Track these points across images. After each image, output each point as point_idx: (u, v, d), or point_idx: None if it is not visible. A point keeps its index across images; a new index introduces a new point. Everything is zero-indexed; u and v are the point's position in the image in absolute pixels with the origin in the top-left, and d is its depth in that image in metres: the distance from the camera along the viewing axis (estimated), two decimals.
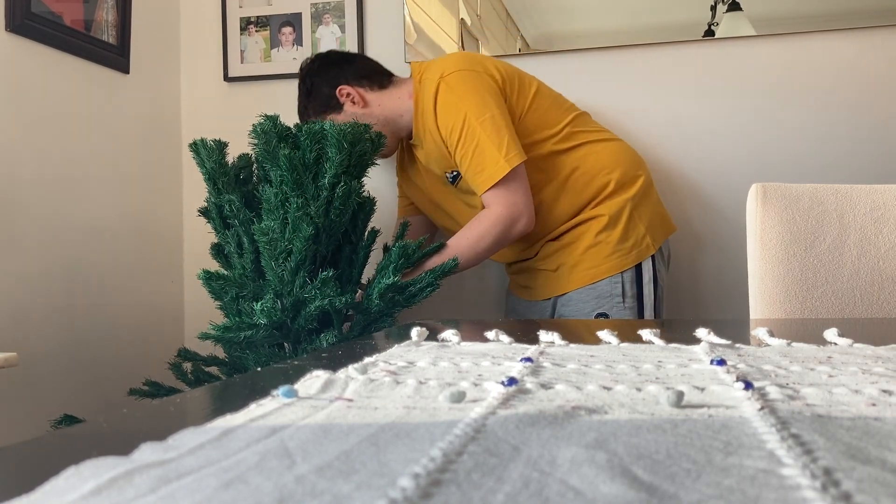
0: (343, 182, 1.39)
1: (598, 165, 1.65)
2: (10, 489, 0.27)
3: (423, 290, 1.44)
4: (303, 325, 1.39)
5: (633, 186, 1.66)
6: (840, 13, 1.86)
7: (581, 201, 1.66)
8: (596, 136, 1.70)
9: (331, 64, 1.75)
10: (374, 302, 1.40)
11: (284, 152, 1.38)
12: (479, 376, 0.49)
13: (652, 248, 1.66)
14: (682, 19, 1.94)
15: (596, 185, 1.65)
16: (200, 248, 2.13)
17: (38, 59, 1.73)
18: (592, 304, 1.63)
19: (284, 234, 1.37)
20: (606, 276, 1.63)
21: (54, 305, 1.75)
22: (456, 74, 1.60)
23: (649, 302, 1.65)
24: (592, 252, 1.64)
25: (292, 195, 1.38)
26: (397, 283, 1.41)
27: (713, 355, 0.56)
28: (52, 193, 1.76)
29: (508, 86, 1.64)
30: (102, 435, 0.39)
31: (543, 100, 1.68)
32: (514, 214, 1.56)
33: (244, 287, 1.42)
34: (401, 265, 1.42)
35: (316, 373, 0.48)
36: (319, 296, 1.35)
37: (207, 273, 1.42)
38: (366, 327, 1.44)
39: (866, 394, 0.41)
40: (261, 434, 0.33)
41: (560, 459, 0.29)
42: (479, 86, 1.59)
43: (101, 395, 1.86)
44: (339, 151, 1.38)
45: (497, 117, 1.56)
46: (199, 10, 2.23)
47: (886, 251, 1.17)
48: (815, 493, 0.24)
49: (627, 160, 1.70)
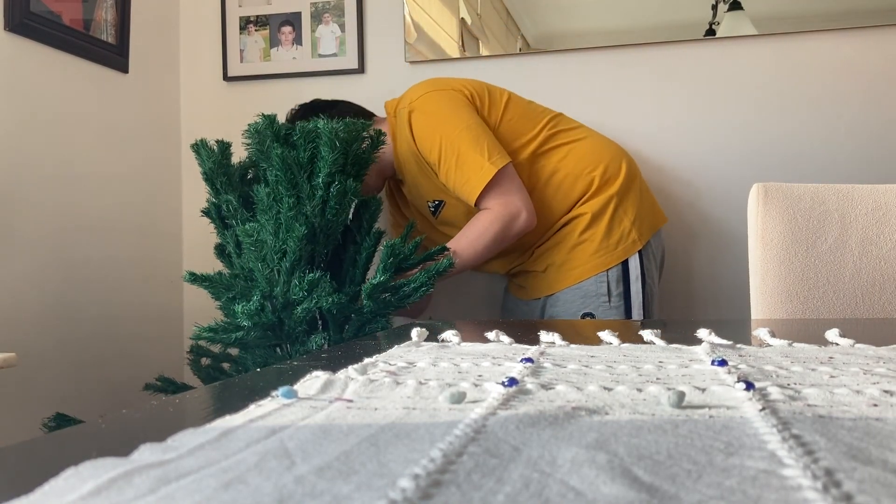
0: (337, 181, 1.38)
1: (580, 165, 1.65)
2: (9, 490, 0.27)
3: (416, 291, 1.43)
4: (293, 326, 1.39)
5: (616, 180, 1.65)
6: (840, 13, 1.86)
7: (568, 203, 1.65)
8: (574, 136, 1.69)
9: (315, 112, 1.70)
10: (364, 302, 1.39)
11: (277, 151, 1.38)
12: (480, 377, 0.49)
13: (639, 242, 1.64)
14: (683, 19, 1.94)
15: (581, 185, 1.64)
16: (200, 247, 2.13)
17: (37, 58, 1.73)
18: (578, 303, 1.63)
19: (278, 235, 1.37)
20: (591, 275, 1.62)
21: (53, 305, 1.75)
22: (425, 97, 1.62)
23: (637, 301, 1.63)
24: (577, 251, 1.64)
25: (286, 195, 1.38)
26: (387, 283, 1.39)
27: (714, 356, 0.56)
28: (51, 193, 1.76)
29: (479, 100, 1.65)
30: (102, 435, 0.39)
31: (516, 108, 1.68)
32: (511, 211, 1.55)
33: (231, 288, 1.42)
34: (390, 264, 1.41)
35: (316, 373, 0.47)
36: (307, 297, 1.34)
37: (192, 275, 1.42)
38: (360, 328, 1.43)
39: (868, 394, 0.41)
40: (260, 435, 0.33)
41: (560, 460, 0.28)
42: (450, 102, 1.61)
43: (101, 396, 1.86)
44: (331, 150, 1.38)
45: (473, 126, 1.57)
46: (198, 9, 2.23)
47: (888, 251, 1.17)
48: (816, 494, 0.24)
49: (608, 154, 1.68)
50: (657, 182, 1.92)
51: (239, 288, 1.41)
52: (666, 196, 1.92)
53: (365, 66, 2.12)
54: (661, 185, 1.91)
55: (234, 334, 1.37)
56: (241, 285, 1.42)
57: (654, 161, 1.95)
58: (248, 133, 1.45)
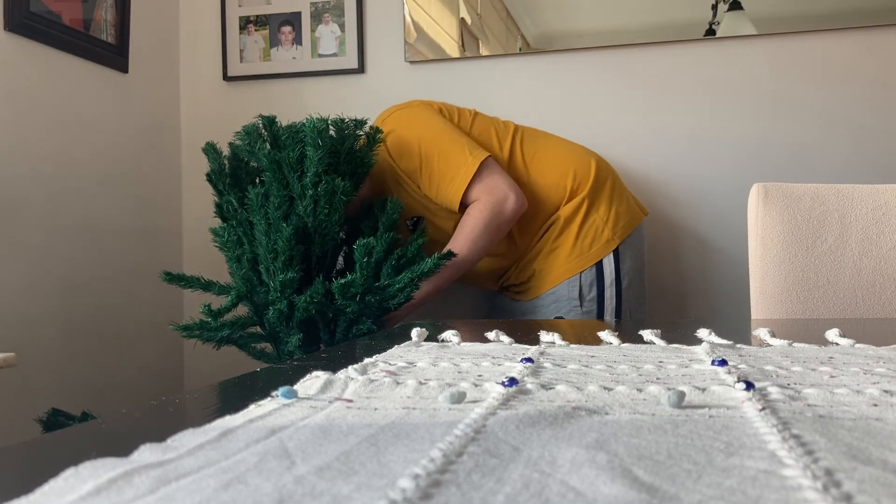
0: (324, 181, 1.38)
1: (551, 176, 1.63)
2: (9, 490, 0.27)
3: (402, 292, 1.41)
4: (269, 327, 1.39)
5: (586, 183, 1.63)
6: (840, 13, 1.86)
7: (546, 214, 1.64)
8: (542, 146, 1.67)
9: None
10: (339, 302, 1.37)
11: (265, 152, 1.38)
12: (480, 377, 0.49)
13: (613, 241, 1.62)
14: (683, 18, 1.94)
15: (555, 194, 1.63)
16: (200, 247, 2.13)
17: (37, 58, 1.73)
18: (551, 308, 1.62)
19: (269, 235, 1.37)
20: (564, 279, 1.62)
21: (52, 305, 1.75)
22: (393, 116, 1.62)
23: (610, 306, 1.62)
24: (552, 257, 1.63)
25: (275, 195, 1.38)
26: (358, 283, 1.37)
27: (714, 356, 0.56)
28: (51, 192, 1.76)
29: (447, 112, 1.65)
30: (102, 435, 0.39)
31: (483, 123, 1.67)
32: (498, 197, 1.53)
33: (208, 288, 1.42)
34: (365, 264, 1.39)
35: (315, 373, 0.47)
36: (279, 298, 1.34)
37: (169, 274, 1.42)
38: (347, 330, 1.43)
39: (868, 394, 0.41)
40: (260, 435, 0.33)
41: (560, 460, 0.28)
42: (420, 113, 1.62)
43: (100, 396, 1.86)
44: (316, 149, 1.37)
45: (448, 130, 1.57)
46: (198, 8, 2.23)
47: (888, 251, 1.17)
48: (816, 494, 0.24)
49: (576, 158, 1.66)
50: (656, 182, 1.92)
51: (216, 288, 1.42)
52: (665, 196, 1.92)
53: (365, 65, 2.12)
54: (660, 185, 1.91)
55: (220, 333, 1.38)
56: (218, 286, 1.42)
57: (654, 161, 1.95)
58: (240, 135, 1.46)
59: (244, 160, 1.51)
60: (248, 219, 1.45)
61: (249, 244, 1.44)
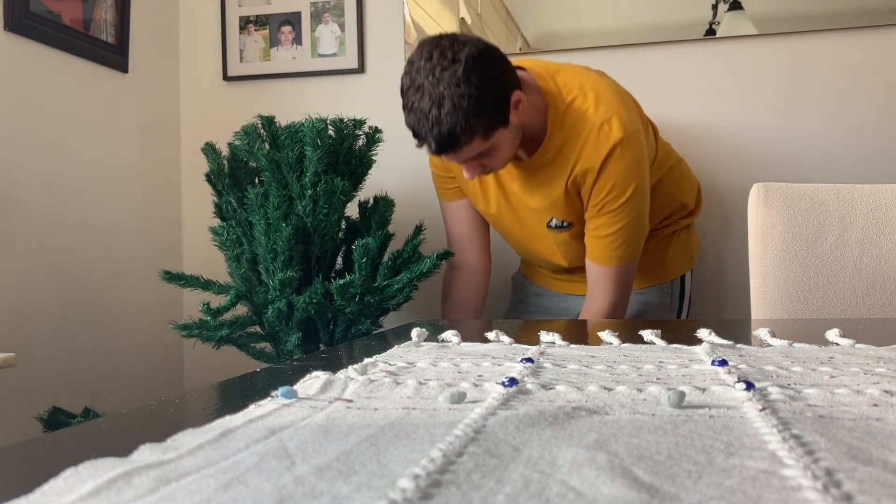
0: (323, 180, 1.38)
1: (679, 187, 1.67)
2: (9, 490, 0.27)
3: (401, 291, 1.40)
4: (268, 327, 1.40)
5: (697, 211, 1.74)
6: (840, 13, 1.86)
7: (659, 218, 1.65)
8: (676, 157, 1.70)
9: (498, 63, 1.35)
10: (338, 302, 1.37)
11: (264, 151, 1.38)
12: (480, 377, 0.49)
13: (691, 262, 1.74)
14: (683, 18, 1.94)
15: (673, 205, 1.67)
16: (199, 247, 2.13)
17: (37, 58, 1.73)
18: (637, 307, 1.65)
19: (268, 235, 1.37)
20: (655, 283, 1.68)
21: (52, 305, 1.75)
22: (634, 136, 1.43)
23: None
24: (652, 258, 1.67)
25: (274, 195, 1.38)
26: (357, 283, 1.37)
27: (714, 356, 0.56)
28: (51, 192, 1.76)
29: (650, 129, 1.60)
30: (102, 435, 0.39)
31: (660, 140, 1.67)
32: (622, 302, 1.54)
33: (207, 287, 1.42)
34: (364, 265, 1.37)
35: (315, 373, 0.47)
36: (278, 297, 1.35)
37: (168, 273, 1.43)
38: (346, 330, 1.43)
39: (868, 394, 0.41)
40: (260, 435, 0.33)
41: (560, 460, 0.28)
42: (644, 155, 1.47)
43: (100, 396, 1.86)
44: (315, 149, 1.37)
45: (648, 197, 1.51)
46: (198, 8, 2.23)
47: (888, 251, 1.17)
48: (816, 494, 0.24)
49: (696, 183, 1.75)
50: None
51: (215, 287, 1.42)
52: None
53: (365, 65, 2.12)
54: None
55: (220, 332, 1.38)
56: (217, 285, 1.42)
57: None
58: (239, 135, 1.46)
59: (243, 160, 1.51)
60: (248, 218, 1.45)
61: (249, 244, 1.44)
